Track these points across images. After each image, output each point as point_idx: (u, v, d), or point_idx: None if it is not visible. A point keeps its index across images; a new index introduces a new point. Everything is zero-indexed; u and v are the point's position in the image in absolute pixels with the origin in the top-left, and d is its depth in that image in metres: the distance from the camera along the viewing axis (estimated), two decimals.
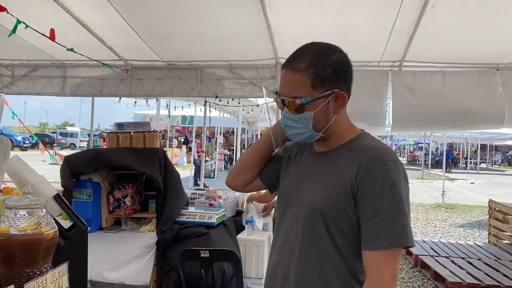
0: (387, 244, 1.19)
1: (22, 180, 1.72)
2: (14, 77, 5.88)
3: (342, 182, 1.28)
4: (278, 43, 4.62)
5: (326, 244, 1.29)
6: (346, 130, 1.38)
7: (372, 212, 1.21)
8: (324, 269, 1.29)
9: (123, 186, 3.36)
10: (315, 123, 1.30)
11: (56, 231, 1.57)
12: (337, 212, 1.27)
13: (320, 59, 1.28)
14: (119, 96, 6.12)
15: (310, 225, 1.31)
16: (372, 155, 1.26)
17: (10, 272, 1.46)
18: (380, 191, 1.21)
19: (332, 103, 1.30)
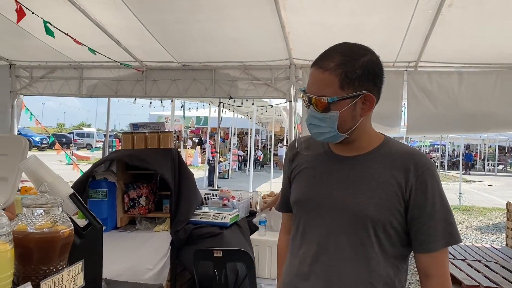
0: (444, 244, 1.27)
1: (39, 179, 1.75)
2: (32, 79, 5.99)
3: (391, 188, 1.27)
4: (292, 44, 4.62)
5: (376, 251, 1.28)
6: (373, 135, 1.38)
7: (427, 217, 1.26)
8: (372, 276, 1.28)
9: (138, 186, 3.40)
10: (341, 123, 1.28)
11: (72, 230, 1.60)
12: (388, 219, 1.27)
13: (350, 59, 1.26)
14: (135, 97, 6.18)
15: (357, 233, 1.29)
16: (416, 161, 1.29)
17: (27, 269, 1.49)
18: (432, 195, 1.26)
19: (360, 105, 1.29)
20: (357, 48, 1.31)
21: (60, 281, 1.52)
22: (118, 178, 3.40)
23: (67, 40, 4.14)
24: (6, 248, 1.30)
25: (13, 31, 4.71)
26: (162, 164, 3.24)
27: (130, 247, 3.07)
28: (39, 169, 1.72)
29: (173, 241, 3.21)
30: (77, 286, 1.61)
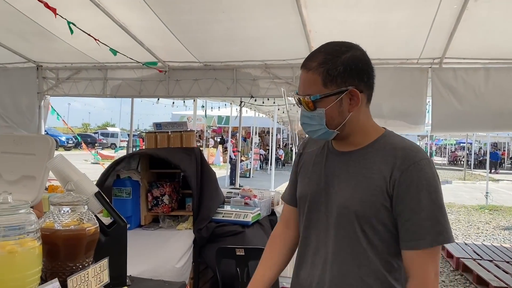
0: (429, 243, 1.20)
1: (65, 178, 1.79)
2: (58, 80, 6.13)
3: (376, 183, 1.27)
4: (314, 42, 4.59)
5: (363, 245, 1.29)
6: (370, 129, 1.37)
7: (410, 213, 1.22)
8: (361, 271, 1.29)
9: (161, 184, 3.44)
10: (328, 120, 1.30)
11: (97, 227, 1.63)
12: (373, 214, 1.27)
13: (331, 57, 1.29)
14: (158, 97, 6.26)
15: (345, 227, 1.31)
16: (405, 155, 1.26)
17: (54, 265, 1.53)
18: (417, 191, 1.21)
19: (347, 101, 1.30)
20: (339, 46, 1.33)
21: (86, 278, 1.55)
22: (142, 177, 3.46)
23: (91, 41, 4.23)
24: (34, 245, 1.34)
25: (40, 33, 4.84)
26: (185, 163, 3.27)
27: (154, 245, 3.11)
28: (65, 168, 1.76)
29: (196, 239, 3.24)
30: (102, 283, 1.64)
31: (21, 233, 1.32)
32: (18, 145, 2.11)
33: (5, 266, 1.29)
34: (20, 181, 2.05)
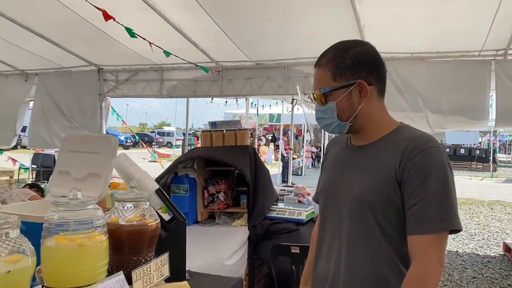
0: (431, 229, 1.21)
1: (128, 175, 1.87)
2: (118, 82, 6.42)
3: (387, 172, 1.31)
4: (368, 37, 4.48)
5: (376, 235, 1.32)
6: (384, 123, 1.40)
7: (416, 198, 1.24)
8: (375, 260, 1.32)
9: (217, 181, 3.52)
10: (339, 112, 1.36)
11: (158, 223, 1.70)
12: (385, 203, 1.30)
13: (340, 53, 1.37)
14: (211, 97, 6.39)
15: (358, 217, 1.35)
16: (415, 144, 1.29)
17: (119, 259, 1.61)
18: (424, 177, 1.24)
19: (356, 93, 1.35)
20: (347, 42, 1.41)
21: (149, 271, 1.62)
22: (198, 174, 3.55)
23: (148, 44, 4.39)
24: (102, 239, 1.42)
25: (101, 38, 5.09)
26: (241, 161, 3.32)
27: (210, 241, 3.18)
28: (128, 166, 1.85)
29: (251, 235, 3.28)
30: (163, 277, 1.71)
31: (89, 227, 1.40)
32: (84, 145, 2.23)
33: (76, 258, 1.37)
34: (86, 178, 2.17)
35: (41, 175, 9.89)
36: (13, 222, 1.13)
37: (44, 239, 1.36)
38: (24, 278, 1.16)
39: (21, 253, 1.14)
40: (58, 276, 1.36)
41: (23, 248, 1.15)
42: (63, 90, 6.48)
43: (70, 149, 2.25)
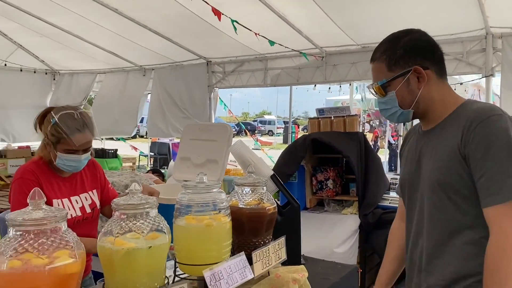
0: (502, 198, 1.18)
1: (245, 161, 1.95)
2: (225, 73, 6.69)
3: (451, 149, 1.30)
4: (489, 11, 4.08)
5: (453, 213, 1.31)
6: (447, 102, 1.40)
7: (481, 170, 1.22)
8: (457, 239, 1.31)
9: (325, 169, 3.51)
10: (400, 100, 1.39)
11: (275, 207, 1.75)
12: (454, 179, 1.29)
13: (391, 44, 1.41)
14: (315, 83, 6.35)
15: (433, 200, 1.36)
16: (475, 116, 1.28)
17: (240, 240, 1.69)
18: (486, 147, 1.22)
19: (414, 80, 1.37)
20: (398, 33, 1.44)
21: (267, 253, 1.68)
22: (306, 162, 3.57)
23: (253, 35, 4.49)
24: (226, 220, 1.50)
25: (209, 31, 5.33)
26: (349, 147, 3.26)
27: (319, 228, 3.19)
28: (245, 152, 1.92)
29: (362, 224, 3.22)
30: (280, 260, 1.76)
31: (214, 209, 1.50)
32: (203, 133, 2.38)
33: (203, 237, 1.47)
34: (205, 164, 2.31)
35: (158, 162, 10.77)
36: (152, 202, 1.25)
37: (176, 219, 1.48)
38: (162, 254, 1.27)
39: (159, 231, 1.25)
40: (188, 253, 1.48)
41: (161, 226, 1.26)
42: (176, 83, 6.95)
43: (190, 137, 2.41)
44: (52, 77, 8.34)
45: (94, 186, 1.92)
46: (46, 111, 1.78)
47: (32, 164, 1.82)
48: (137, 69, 7.37)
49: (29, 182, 1.73)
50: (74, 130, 1.71)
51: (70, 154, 1.73)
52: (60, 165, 1.77)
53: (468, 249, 1.30)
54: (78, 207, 1.82)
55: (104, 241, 1.20)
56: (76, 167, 1.78)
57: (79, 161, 1.76)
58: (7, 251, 0.98)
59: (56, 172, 1.84)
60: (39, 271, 0.97)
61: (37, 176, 1.77)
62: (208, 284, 1.37)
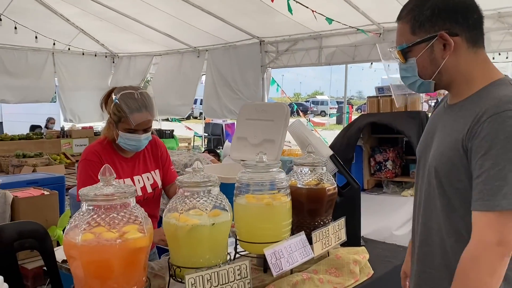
0: (491, 206, 1.06)
1: (304, 141, 1.92)
2: (278, 52, 6.61)
3: (456, 137, 1.17)
4: None
5: (442, 203, 1.21)
6: (475, 78, 1.20)
7: (480, 169, 1.09)
8: (443, 229, 1.22)
9: (384, 150, 3.40)
10: (420, 69, 1.23)
11: (335, 187, 1.71)
12: (449, 170, 1.18)
13: (419, 2, 1.22)
14: (371, 61, 6.14)
15: (430, 183, 1.26)
16: (491, 105, 1.10)
17: (299, 220, 1.68)
18: (491, 145, 1.07)
19: (439, 47, 1.19)
20: None
21: (327, 234, 1.66)
22: (364, 142, 3.48)
23: (308, 12, 4.38)
24: (286, 200, 1.49)
25: (263, 10, 5.27)
26: (410, 127, 3.14)
27: (378, 210, 3.12)
28: (303, 131, 1.89)
29: None
30: (340, 240, 1.73)
31: (274, 188, 1.49)
32: (259, 112, 2.36)
33: (263, 216, 1.48)
34: (262, 144, 2.30)
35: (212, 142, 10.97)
36: (214, 180, 1.26)
37: (236, 197, 1.49)
38: (225, 231, 1.29)
39: (222, 208, 1.27)
40: (249, 231, 1.49)
41: (223, 204, 1.27)
42: (229, 64, 6.98)
43: (246, 117, 2.41)
44: (112, 60, 8.66)
45: (157, 166, 1.97)
46: (110, 91, 1.83)
47: (97, 145, 1.86)
48: (191, 51, 7.47)
49: (93, 163, 1.79)
50: (133, 110, 1.73)
51: (130, 133, 1.76)
52: (122, 144, 1.80)
53: (455, 246, 1.18)
54: (139, 186, 1.88)
55: (169, 217, 1.23)
56: (136, 146, 1.81)
57: (139, 140, 1.78)
58: (81, 224, 1.03)
59: (119, 152, 1.87)
60: (111, 244, 1.01)
61: (100, 157, 1.81)
62: (268, 262, 1.38)
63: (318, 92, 51.41)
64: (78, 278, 1.07)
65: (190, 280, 1.13)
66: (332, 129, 19.29)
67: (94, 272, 1.03)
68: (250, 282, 1.27)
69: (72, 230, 1.04)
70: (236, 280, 1.24)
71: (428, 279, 1.26)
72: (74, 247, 1.02)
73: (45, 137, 8.07)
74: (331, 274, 1.57)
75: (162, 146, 2.04)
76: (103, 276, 1.03)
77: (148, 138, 1.83)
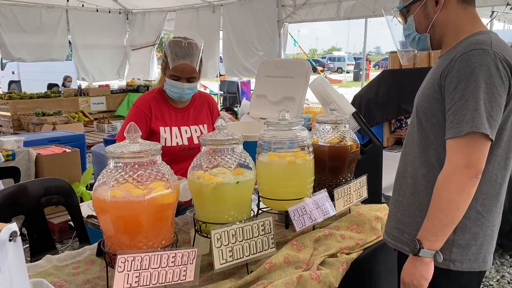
0: (458, 132, 1.17)
1: (326, 98, 1.89)
2: (295, 6, 6.43)
3: (434, 77, 1.28)
4: None
5: (420, 137, 1.32)
6: (461, 31, 1.30)
7: (450, 103, 1.21)
8: (417, 161, 1.32)
9: None
10: (417, 25, 1.36)
11: (358, 145, 1.70)
12: (427, 106, 1.29)
13: None
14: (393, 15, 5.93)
15: (412, 122, 1.38)
16: (462, 48, 1.22)
17: (321, 177, 1.68)
18: (458, 81, 1.19)
19: (431, 3, 1.32)
20: None
21: (348, 191, 1.66)
22: None
23: None
24: (308, 158, 1.49)
25: None
26: None
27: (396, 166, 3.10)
28: (326, 88, 1.86)
29: None
30: (361, 198, 1.74)
31: (296, 146, 1.49)
32: (279, 69, 2.32)
33: (285, 174, 1.48)
34: (282, 102, 2.28)
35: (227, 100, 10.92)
36: (238, 138, 1.25)
37: (259, 155, 1.49)
38: (249, 188, 1.29)
39: (245, 166, 1.27)
40: (271, 188, 1.50)
41: (247, 162, 1.27)
42: (245, 19, 6.82)
43: (266, 74, 2.37)
44: (126, 17, 8.54)
45: (206, 121, 2.00)
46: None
47: (149, 94, 1.92)
48: (205, 6, 7.30)
49: (140, 111, 1.85)
50: (176, 56, 1.76)
51: (174, 80, 1.80)
52: (167, 91, 1.85)
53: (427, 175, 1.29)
54: (186, 137, 1.91)
55: (194, 175, 1.24)
56: (179, 94, 1.84)
57: (182, 88, 1.81)
58: (109, 181, 1.04)
59: (170, 102, 1.92)
60: (139, 200, 1.03)
61: (149, 105, 1.86)
62: (292, 218, 1.40)
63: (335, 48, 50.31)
64: (108, 233, 1.09)
65: (216, 235, 1.15)
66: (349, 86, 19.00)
67: (124, 227, 1.06)
68: (273, 238, 1.29)
69: (101, 186, 1.06)
70: (260, 236, 1.26)
71: (399, 207, 1.37)
72: (103, 203, 1.04)
73: (63, 95, 8.14)
74: (352, 231, 1.58)
75: (215, 105, 2.08)
76: (132, 231, 1.06)
77: (192, 89, 1.85)
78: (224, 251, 1.17)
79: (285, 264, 1.29)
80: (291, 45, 7.76)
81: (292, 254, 1.33)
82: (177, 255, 1.05)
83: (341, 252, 1.42)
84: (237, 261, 1.19)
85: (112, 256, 1.08)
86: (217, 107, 2.12)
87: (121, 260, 0.99)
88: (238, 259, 1.20)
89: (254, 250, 1.24)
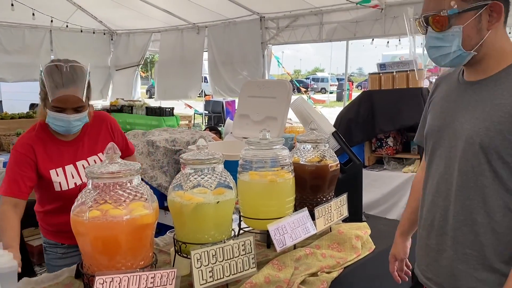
0: None
1: (306, 118, 1.92)
2: (278, 29, 6.53)
3: (505, 109, 1.10)
4: None
5: (489, 179, 1.14)
6: (507, 52, 1.16)
7: None
8: (487, 206, 1.15)
9: None
10: (465, 39, 1.14)
11: (337, 164, 1.72)
12: (500, 144, 1.11)
13: None
14: (373, 37, 6.07)
15: (470, 161, 1.17)
16: None
17: (302, 196, 1.69)
18: None
19: (486, 17, 1.13)
20: None
21: (329, 210, 1.67)
22: None
23: None
24: (289, 176, 1.50)
25: None
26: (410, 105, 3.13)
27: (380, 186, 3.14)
28: (306, 108, 1.89)
29: None
30: (342, 216, 1.75)
31: (277, 165, 1.50)
32: (261, 89, 2.35)
33: (266, 193, 1.49)
34: (264, 121, 2.30)
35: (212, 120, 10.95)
36: (218, 158, 1.26)
37: (240, 174, 1.50)
38: (229, 208, 1.30)
39: (226, 186, 1.28)
40: (253, 208, 1.51)
41: (228, 181, 1.28)
42: (229, 41, 6.90)
43: (249, 94, 2.40)
44: (110, 37, 8.55)
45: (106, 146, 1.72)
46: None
47: (29, 133, 1.64)
48: (190, 27, 7.37)
49: (22, 156, 1.56)
50: (56, 87, 1.49)
51: (57, 112, 1.51)
52: (50, 124, 1.56)
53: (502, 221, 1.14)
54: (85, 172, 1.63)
55: (174, 195, 1.24)
56: (65, 128, 1.55)
57: (67, 121, 1.53)
58: (88, 201, 1.04)
59: (57, 137, 1.63)
60: (118, 221, 1.02)
61: (32, 148, 1.58)
62: (272, 237, 1.40)
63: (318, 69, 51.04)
64: (86, 254, 1.08)
65: (196, 255, 1.15)
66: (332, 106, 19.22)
67: (102, 248, 1.05)
68: (254, 257, 1.29)
69: (79, 207, 1.06)
70: (241, 255, 1.26)
71: (470, 260, 1.18)
72: (81, 224, 1.03)
73: None
74: (333, 249, 1.59)
75: (114, 123, 1.82)
76: (111, 252, 1.05)
77: (79, 120, 1.57)
78: (204, 271, 1.16)
79: (265, 284, 1.29)
80: (276, 66, 7.83)
81: (273, 274, 1.33)
82: (156, 276, 1.04)
83: (322, 271, 1.42)
84: (217, 282, 1.19)
85: (90, 277, 1.07)
86: (118, 126, 1.83)
87: (99, 282, 0.98)
88: (218, 279, 1.19)
89: (235, 270, 1.23)
